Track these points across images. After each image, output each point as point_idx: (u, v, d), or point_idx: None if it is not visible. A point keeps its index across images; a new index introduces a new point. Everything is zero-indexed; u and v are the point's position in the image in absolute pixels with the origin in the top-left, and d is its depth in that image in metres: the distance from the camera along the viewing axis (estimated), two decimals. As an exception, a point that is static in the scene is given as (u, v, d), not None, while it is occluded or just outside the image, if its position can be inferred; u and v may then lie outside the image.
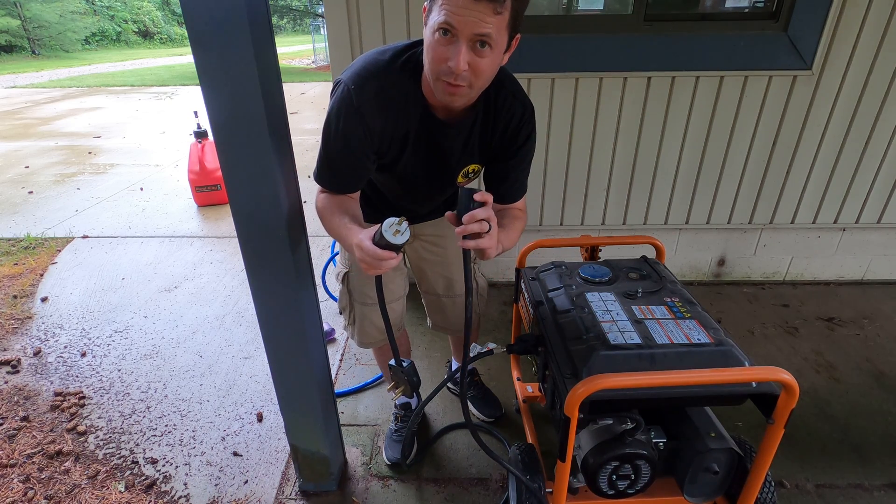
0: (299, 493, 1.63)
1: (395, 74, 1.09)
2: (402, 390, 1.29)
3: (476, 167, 1.27)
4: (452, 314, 1.68)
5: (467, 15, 0.90)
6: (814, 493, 1.60)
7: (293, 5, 21.11)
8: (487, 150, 1.24)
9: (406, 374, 1.24)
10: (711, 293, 2.74)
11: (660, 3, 2.29)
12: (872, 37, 2.19)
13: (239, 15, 0.95)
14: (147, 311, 2.66)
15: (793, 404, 1.05)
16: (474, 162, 1.25)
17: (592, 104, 2.35)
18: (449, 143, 1.19)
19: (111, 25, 29.40)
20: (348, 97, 1.08)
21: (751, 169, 2.49)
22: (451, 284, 1.60)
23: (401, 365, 1.24)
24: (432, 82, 1.03)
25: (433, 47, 0.97)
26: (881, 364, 2.17)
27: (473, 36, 0.92)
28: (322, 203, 1.20)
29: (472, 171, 1.27)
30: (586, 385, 1.03)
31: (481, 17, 0.90)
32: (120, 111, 8.87)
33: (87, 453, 1.80)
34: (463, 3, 0.89)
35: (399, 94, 1.10)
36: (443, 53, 0.95)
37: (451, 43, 0.94)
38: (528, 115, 1.20)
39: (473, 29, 0.91)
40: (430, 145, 1.18)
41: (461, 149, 1.21)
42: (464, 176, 1.28)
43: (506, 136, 1.20)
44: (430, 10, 0.96)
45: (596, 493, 1.23)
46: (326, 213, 1.18)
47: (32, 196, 4.46)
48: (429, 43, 0.98)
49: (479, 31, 0.92)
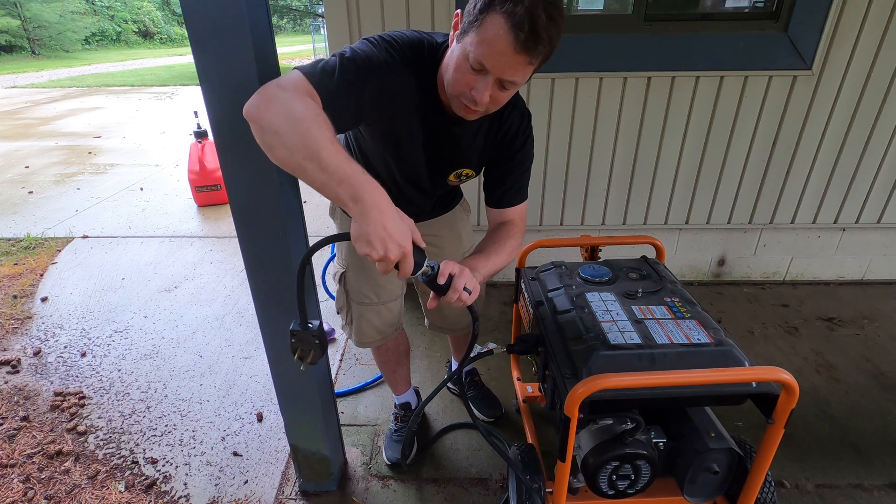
0: (299, 493, 1.63)
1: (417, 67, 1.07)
2: (311, 357, 1.14)
3: (470, 172, 1.27)
4: (450, 315, 1.67)
5: (503, 62, 0.92)
6: (814, 493, 1.60)
7: (293, 5, 21.12)
8: (485, 157, 1.25)
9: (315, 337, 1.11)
10: (711, 293, 2.74)
11: (660, 3, 2.29)
12: (872, 37, 2.19)
13: (239, 15, 0.95)
14: (147, 311, 2.66)
15: (793, 404, 1.05)
16: (470, 167, 1.26)
17: (592, 104, 2.35)
18: (453, 139, 1.19)
19: (111, 25, 29.41)
20: (389, 39, 1.04)
21: (751, 169, 2.50)
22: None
23: (307, 326, 1.10)
24: (450, 95, 1.04)
25: (461, 72, 0.97)
26: (881, 364, 2.17)
27: (502, 78, 0.95)
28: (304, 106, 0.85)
29: (465, 174, 1.27)
30: (586, 385, 1.03)
31: (515, 67, 0.93)
32: (120, 111, 8.87)
33: (87, 453, 1.80)
34: (502, 51, 0.90)
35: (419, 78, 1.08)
36: (469, 82, 0.97)
37: (479, 76, 0.96)
38: (525, 123, 1.22)
39: (505, 75, 0.94)
40: (435, 135, 1.17)
41: (462, 148, 1.21)
42: (456, 177, 1.28)
43: (504, 142, 1.22)
44: (466, 32, 0.94)
45: (596, 493, 1.23)
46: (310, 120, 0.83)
47: (32, 196, 4.46)
48: (457, 64, 0.98)
49: (510, 78, 0.95)
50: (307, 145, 0.82)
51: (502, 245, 1.22)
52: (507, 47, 0.89)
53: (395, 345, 1.65)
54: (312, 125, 0.83)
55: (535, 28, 0.87)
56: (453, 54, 0.99)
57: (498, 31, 0.88)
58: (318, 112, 0.87)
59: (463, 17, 0.96)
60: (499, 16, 0.88)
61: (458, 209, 1.54)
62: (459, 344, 1.86)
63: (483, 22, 0.90)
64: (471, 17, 0.92)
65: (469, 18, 0.93)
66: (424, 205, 1.41)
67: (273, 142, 0.84)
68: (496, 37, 0.89)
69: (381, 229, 0.82)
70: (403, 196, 1.32)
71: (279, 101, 0.85)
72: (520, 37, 0.87)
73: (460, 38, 0.96)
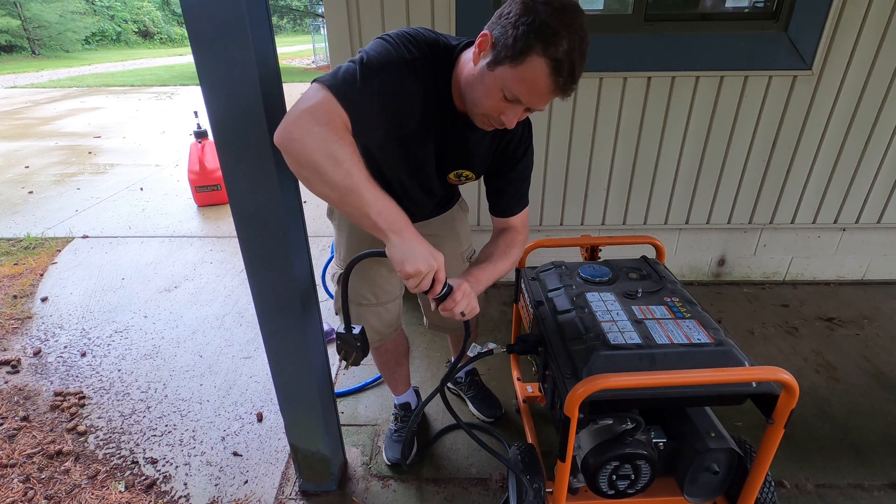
0: (299, 493, 1.63)
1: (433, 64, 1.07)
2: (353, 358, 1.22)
3: (471, 175, 1.28)
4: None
5: (539, 99, 0.97)
6: (814, 493, 1.60)
7: (293, 5, 21.11)
8: (488, 163, 1.28)
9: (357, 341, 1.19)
10: (711, 293, 2.74)
11: (660, 3, 2.29)
12: (872, 37, 2.19)
13: (239, 15, 0.95)
14: (147, 311, 2.66)
15: (793, 404, 1.05)
16: (472, 170, 1.27)
17: (592, 104, 2.35)
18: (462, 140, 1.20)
19: (111, 25, 29.41)
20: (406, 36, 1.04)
21: (751, 169, 2.49)
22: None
23: (350, 331, 1.18)
24: (473, 111, 1.06)
25: (492, 99, 0.99)
26: (881, 364, 2.17)
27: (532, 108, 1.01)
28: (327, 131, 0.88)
29: (465, 175, 1.28)
30: (586, 385, 1.03)
31: (547, 100, 0.98)
32: (120, 111, 8.88)
33: (87, 453, 1.80)
34: (541, 91, 0.95)
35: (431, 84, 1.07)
36: (501, 109, 1.00)
37: (511, 105, 0.99)
38: (527, 133, 1.25)
39: (537, 107, 1.00)
40: (444, 134, 1.18)
41: (469, 150, 1.23)
42: (456, 176, 1.29)
43: (507, 150, 1.25)
44: (500, 63, 0.94)
45: (596, 493, 1.23)
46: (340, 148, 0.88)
47: (32, 196, 4.46)
48: (488, 89, 0.98)
49: (539, 108, 1.01)
50: (348, 186, 0.90)
51: (506, 253, 1.27)
52: (546, 88, 0.94)
53: (395, 345, 1.65)
54: (353, 167, 0.90)
55: (573, 71, 0.92)
56: (483, 78, 0.98)
57: (539, 74, 0.91)
58: (354, 149, 0.91)
59: (494, 43, 0.94)
60: (541, 59, 0.90)
61: (457, 208, 1.54)
62: (459, 344, 1.86)
63: (523, 62, 0.91)
64: (507, 50, 0.92)
65: (505, 51, 0.92)
66: (426, 205, 1.41)
67: (313, 178, 0.91)
68: (536, 79, 0.92)
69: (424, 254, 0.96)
70: (408, 196, 1.32)
71: (316, 137, 0.88)
72: (559, 81, 0.92)
73: (492, 67, 0.95)
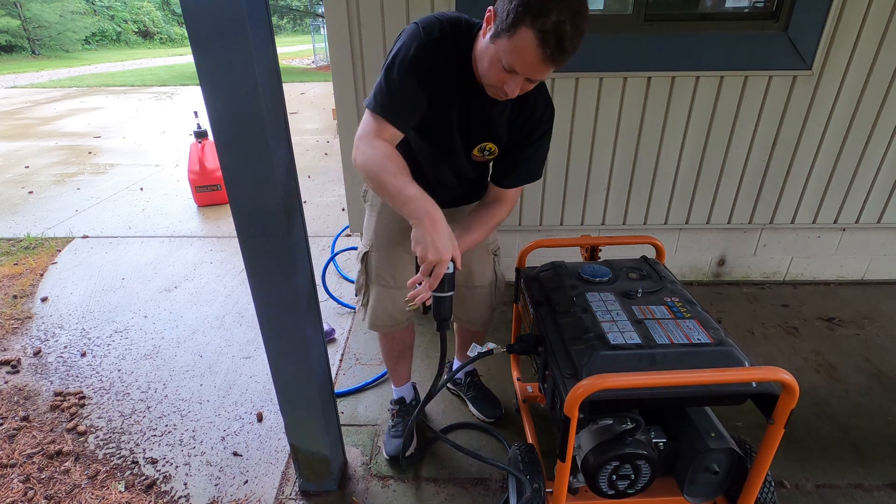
0: (299, 493, 1.63)
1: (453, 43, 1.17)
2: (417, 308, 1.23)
3: (493, 147, 1.34)
4: (471, 306, 1.68)
5: (532, 69, 1.04)
6: (814, 493, 1.60)
7: (293, 5, 21.11)
8: (509, 136, 1.33)
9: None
10: (711, 293, 2.74)
11: (660, 3, 2.29)
12: (872, 37, 2.19)
13: (239, 15, 0.95)
14: (147, 311, 2.66)
15: (793, 404, 1.05)
16: (496, 143, 1.33)
17: (592, 104, 2.35)
18: (484, 115, 1.27)
19: (111, 25, 29.42)
20: (420, 37, 1.15)
21: (751, 169, 2.50)
22: (471, 275, 1.61)
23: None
24: (484, 83, 1.15)
25: (494, 70, 1.08)
26: (881, 364, 2.17)
27: (530, 78, 1.07)
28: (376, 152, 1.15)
29: (488, 148, 1.34)
30: (586, 385, 1.03)
31: (542, 71, 1.04)
32: (120, 111, 8.88)
33: (87, 453, 1.80)
34: (531, 62, 1.01)
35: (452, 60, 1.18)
36: (502, 79, 1.09)
37: (510, 75, 1.07)
38: (548, 114, 1.31)
39: (533, 77, 1.07)
40: (467, 112, 1.26)
41: (492, 122, 1.29)
42: (480, 151, 1.35)
43: (526, 127, 1.30)
44: (499, 36, 1.03)
45: (596, 493, 1.23)
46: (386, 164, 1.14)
47: (32, 196, 4.46)
48: (490, 61, 1.08)
49: (537, 78, 1.08)
50: (380, 182, 1.14)
51: (486, 223, 1.37)
52: (536, 59, 1.00)
53: (402, 336, 1.70)
54: (381, 171, 1.13)
55: (562, 42, 0.97)
56: (488, 50, 1.08)
57: (528, 44, 0.98)
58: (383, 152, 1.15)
59: (495, 18, 1.04)
60: (529, 31, 0.97)
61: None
62: (464, 343, 1.88)
63: (514, 34, 0.99)
64: (503, 24, 1.01)
65: (501, 25, 1.01)
66: (457, 188, 1.49)
67: (376, 186, 1.17)
68: (526, 49, 0.99)
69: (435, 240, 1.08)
70: (438, 181, 1.42)
71: (360, 151, 1.17)
72: (547, 52, 0.98)
73: (493, 40, 1.05)
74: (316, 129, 7.05)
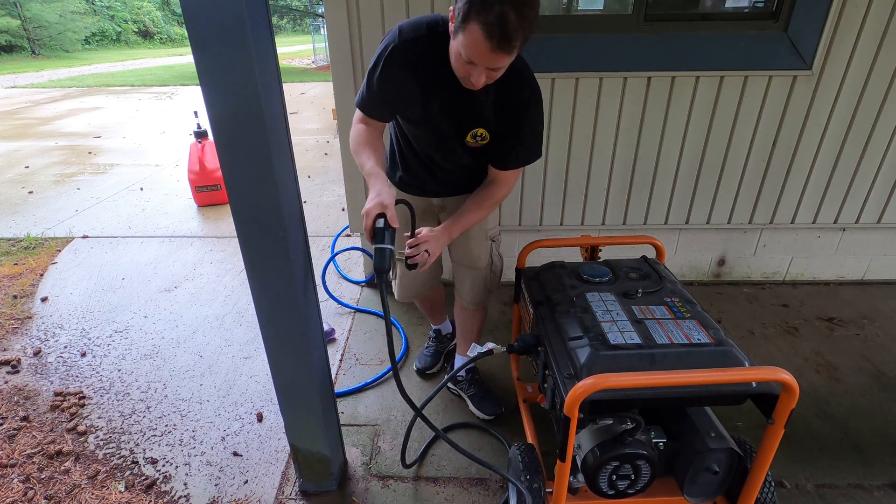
0: (299, 493, 1.63)
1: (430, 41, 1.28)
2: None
3: (484, 132, 1.41)
4: (470, 286, 1.79)
5: (486, 59, 1.12)
6: (814, 493, 1.60)
7: (293, 5, 21.10)
8: (497, 121, 1.39)
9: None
10: (711, 293, 2.74)
11: (660, 3, 2.29)
12: (872, 37, 2.19)
13: (238, 15, 0.95)
14: (147, 311, 2.66)
15: (793, 404, 1.05)
16: (485, 127, 1.40)
17: (592, 104, 2.35)
18: (468, 103, 1.34)
19: (111, 25, 29.40)
20: (391, 42, 1.29)
21: (751, 169, 2.49)
22: (471, 255, 1.72)
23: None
24: (456, 74, 1.24)
25: (458, 63, 1.19)
26: (881, 364, 2.17)
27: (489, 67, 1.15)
28: (354, 133, 1.42)
29: (479, 133, 1.41)
30: (586, 385, 1.03)
31: (496, 60, 1.12)
32: (120, 111, 8.87)
33: (87, 453, 1.80)
34: (482, 52, 1.10)
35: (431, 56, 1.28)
36: (466, 71, 1.18)
37: (472, 67, 1.15)
38: (534, 98, 1.35)
39: (489, 65, 1.14)
40: (452, 102, 1.35)
41: (477, 108, 1.36)
42: (472, 138, 1.42)
43: (513, 110, 1.35)
44: (456, 33, 1.14)
45: (596, 493, 1.23)
46: (357, 144, 1.40)
47: (32, 196, 4.46)
48: (454, 54, 1.19)
49: (494, 66, 1.15)
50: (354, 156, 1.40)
51: (480, 206, 1.48)
52: (486, 49, 1.09)
53: (432, 296, 2.00)
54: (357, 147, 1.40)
55: (506, 32, 1.05)
56: (452, 46, 1.19)
57: (476, 37, 1.08)
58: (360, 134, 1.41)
59: (454, 16, 1.14)
60: (475, 25, 1.07)
61: None
62: (461, 323, 1.92)
63: (466, 28, 1.09)
64: (458, 21, 1.11)
65: (456, 23, 1.12)
66: (460, 176, 1.58)
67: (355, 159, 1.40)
68: (476, 41, 1.09)
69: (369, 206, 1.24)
70: (440, 167, 1.55)
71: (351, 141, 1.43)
72: (493, 42, 1.07)
73: (454, 36, 1.16)
74: (316, 129, 7.05)
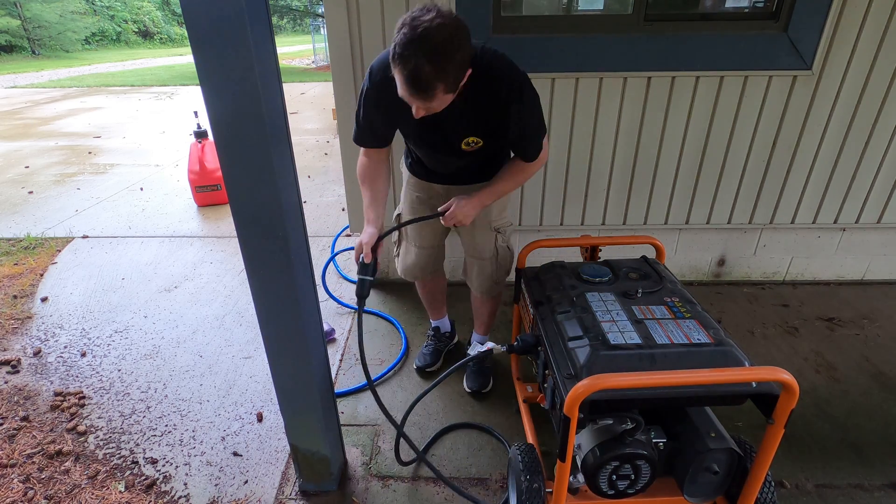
0: (299, 493, 1.63)
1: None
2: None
3: (475, 139, 1.44)
4: (475, 275, 1.87)
5: (413, 102, 1.21)
6: (814, 493, 1.60)
7: (293, 5, 21.08)
8: (485, 125, 1.42)
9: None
10: (711, 293, 2.74)
11: (660, 3, 2.29)
12: (872, 37, 2.19)
13: (239, 15, 0.95)
14: (147, 311, 2.66)
15: (793, 404, 1.05)
16: (475, 135, 1.43)
17: (592, 104, 2.35)
18: (443, 120, 1.37)
19: (111, 25, 29.39)
20: (365, 85, 1.41)
21: (751, 169, 2.49)
22: (475, 246, 1.79)
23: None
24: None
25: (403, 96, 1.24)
26: (881, 364, 2.17)
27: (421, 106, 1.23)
28: (358, 166, 1.58)
29: (472, 141, 1.45)
30: (586, 385, 1.03)
31: (422, 102, 1.21)
32: (120, 111, 8.87)
33: (87, 453, 1.80)
34: (408, 96, 1.20)
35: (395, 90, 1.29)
36: (410, 103, 1.24)
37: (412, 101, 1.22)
38: (514, 93, 1.35)
39: (421, 105, 1.23)
40: (429, 123, 1.38)
41: (456, 124, 1.41)
42: (466, 145, 1.46)
43: (496, 111, 1.37)
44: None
45: (596, 493, 1.23)
46: (359, 178, 1.57)
47: (32, 196, 4.46)
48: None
49: (425, 106, 1.23)
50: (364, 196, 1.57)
51: (512, 177, 1.54)
52: (408, 95, 1.19)
53: (433, 284, 2.05)
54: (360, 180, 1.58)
55: (419, 81, 1.14)
56: None
57: (400, 83, 1.18)
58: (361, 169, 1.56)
59: None
60: (397, 73, 1.16)
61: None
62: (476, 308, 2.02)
63: (395, 75, 1.18)
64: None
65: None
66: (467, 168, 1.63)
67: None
68: (400, 86, 1.19)
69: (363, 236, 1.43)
70: (443, 165, 1.63)
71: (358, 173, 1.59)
72: (411, 90, 1.16)
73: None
74: (316, 129, 7.05)
